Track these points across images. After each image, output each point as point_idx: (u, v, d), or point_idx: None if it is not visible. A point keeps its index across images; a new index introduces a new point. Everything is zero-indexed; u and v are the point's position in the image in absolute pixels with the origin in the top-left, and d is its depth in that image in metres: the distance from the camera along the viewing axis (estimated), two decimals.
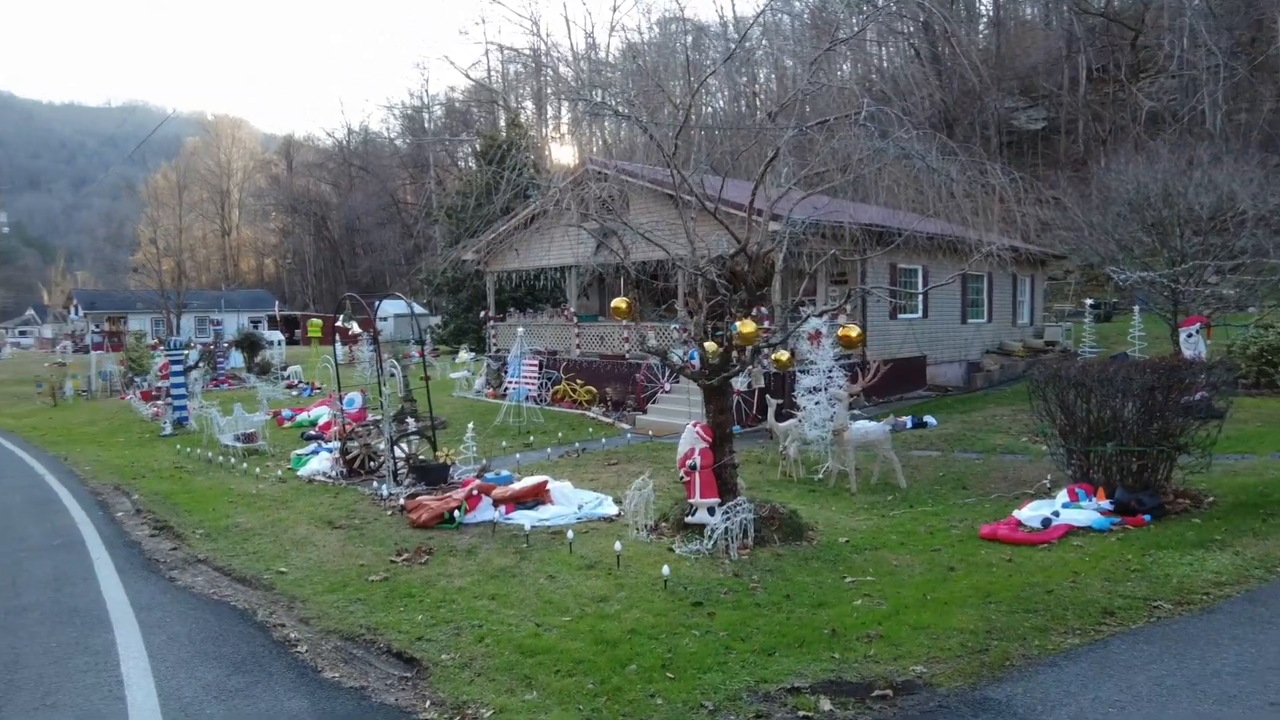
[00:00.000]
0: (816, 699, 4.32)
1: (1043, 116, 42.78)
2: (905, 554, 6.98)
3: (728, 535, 7.03)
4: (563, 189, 10.23)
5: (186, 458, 13.75)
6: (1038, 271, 24.10)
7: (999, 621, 5.22)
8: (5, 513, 10.04)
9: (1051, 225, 21.83)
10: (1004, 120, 42.65)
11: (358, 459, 11.43)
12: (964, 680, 4.45)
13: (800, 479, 10.45)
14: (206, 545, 8.12)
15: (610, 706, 4.33)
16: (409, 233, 59.17)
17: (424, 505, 8.71)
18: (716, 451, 7.68)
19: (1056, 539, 7.00)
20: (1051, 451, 8.98)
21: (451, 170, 55.52)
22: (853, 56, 42.15)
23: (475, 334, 29.79)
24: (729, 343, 7.68)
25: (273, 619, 5.94)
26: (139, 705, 4.60)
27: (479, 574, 6.76)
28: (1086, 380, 7.97)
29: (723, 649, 5.01)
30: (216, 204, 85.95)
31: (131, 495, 10.86)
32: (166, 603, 6.44)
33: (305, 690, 4.73)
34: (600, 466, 11.62)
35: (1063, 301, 31.54)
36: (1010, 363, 20.75)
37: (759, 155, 8.86)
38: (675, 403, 15.43)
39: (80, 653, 5.43)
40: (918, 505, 8.87)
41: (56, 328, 60.85)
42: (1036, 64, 42.40)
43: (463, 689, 4.63)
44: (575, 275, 19.15)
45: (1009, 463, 10.66)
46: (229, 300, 62.79)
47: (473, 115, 59.34)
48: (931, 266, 18.25)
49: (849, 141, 7.82)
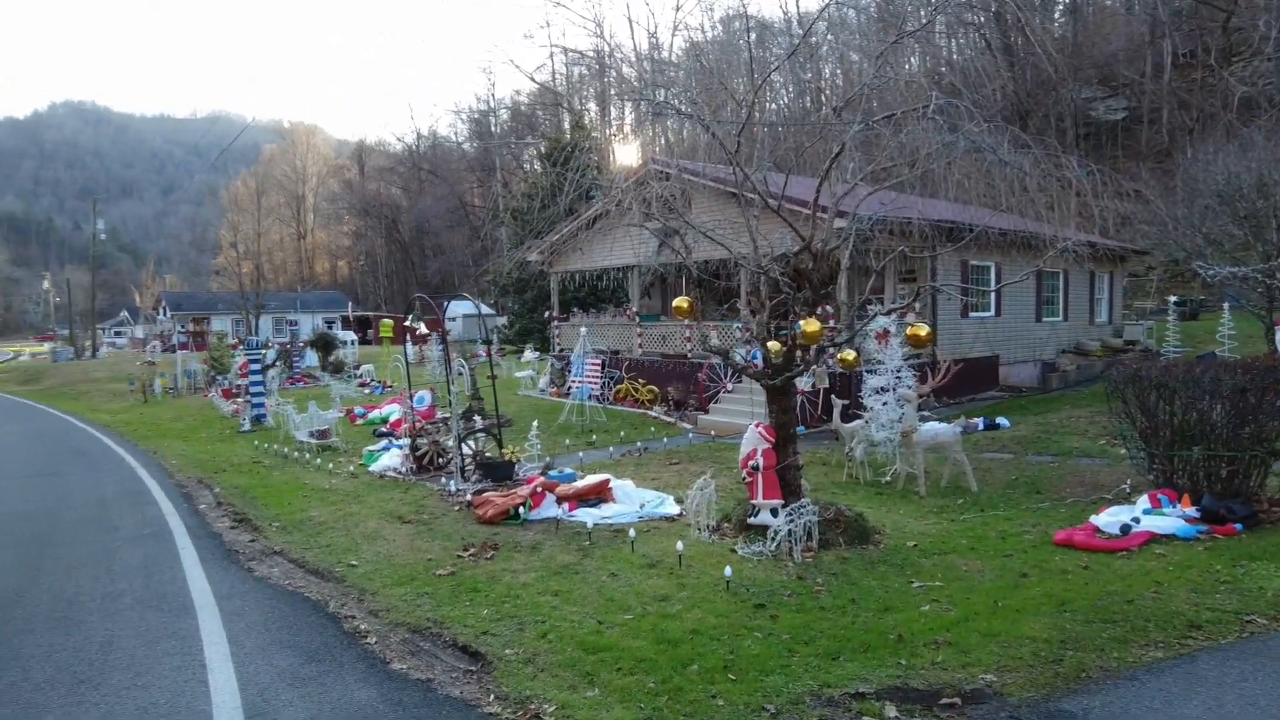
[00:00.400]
0: (881, 705, 4.23)
1: (1123, 106, 41.02)
2: (975, 559, 6.78)
3: (791, 537, 6.95)
4: (625, 189, 10.27)
5: (264, 453, 14.30)
6: (1117, 268, 23.12)
7: (1074, 631, 5.03)
8: (102, 504, 10.60)
9: (1132, 219, 20.93)
10: (1081, 111, 41.05)
11: (427, 455, 11.70)
12: (1036, 691, 4.30)
13: (867, 481, 10.26)
14: (282, 538, 8.42)
15: (671, 706, 4.33)
16: (476, 235, 60.26)
17: (490, 501, 8.86)
18: (780, 452, 7.60)
19: (1137, 546, 6.70)
20: (1131, 455, 8.61)
21: (517, 173, 56.32)
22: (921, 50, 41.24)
23: (540, 334, 30.16)
24: (792, 342, 7.59)
25: (344, 610, 6.12)
26: (220, 689, 4.80)
27: (542, 570, 6.84)
28: (1170, 381, 7.61)
29: (785, 652, 4.95)
30: (292, 208, 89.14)
31: (213, 488, 11.35)
32: (245, 592, 6.70)
33: (374, 681, 4.86)
34: (662, 466, 11.63)
35: (1144, 299, 30.20)
36: (1087, 363, 19.98)
37: (824, 151, 8.73)
38: (738, 403, 15.34)
39: (167, 637, 5.70)
40: (989, 509, 8.61)
41: (147, 328, 63.96)
42: (1117, 51, 40.62)
43: (526, 684, 4.69)
44: (637, 275, 19.21)
45: (1085, 466, 10.26)
46: (304, 301, 65.00)
47: (538, 118, 60.08)
48: (1005, 263, 17.69)
49: (916, 136, 7.64)
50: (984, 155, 7.55)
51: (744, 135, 8.23)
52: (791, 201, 8.84)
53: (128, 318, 76.98)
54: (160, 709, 4.58)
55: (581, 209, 19.23)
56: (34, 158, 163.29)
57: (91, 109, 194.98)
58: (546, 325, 23.44)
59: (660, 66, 20.14)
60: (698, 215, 14.46)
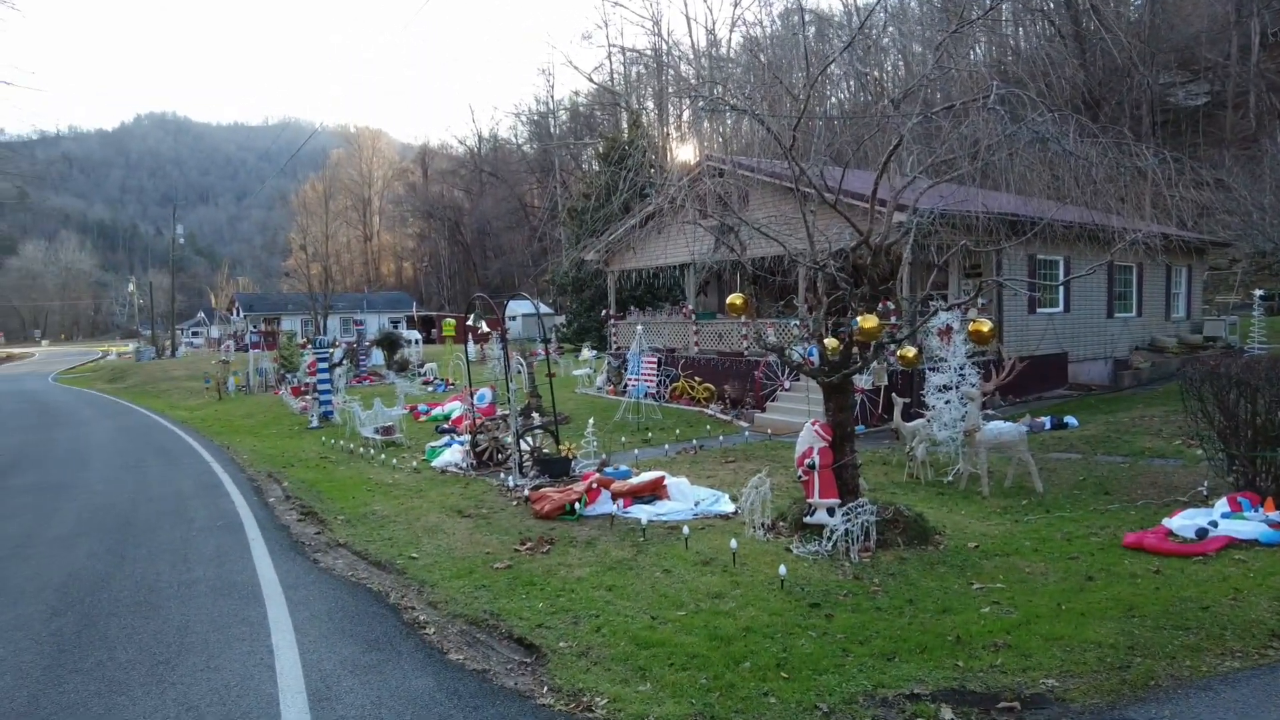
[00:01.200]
0: (937, 707, 4.15)
1: (1205, 91, 39.19)
2: (1039, 561, 6.59)
3: (848, 537, 6.86)
4: (680, 186, 10.28)
5: (330, 449, 14.74)
6: (1195, 261, 22.11)
7: (1143, 637, 4.84)
8: (180, 496, 11.10)
9: (1213, 210, 19.96)
10: (1158, 98, 39.33)
11: (486, 451, 11.91)
12: (1101, 698, 4.16)
13: (928, 481, 10.05)
14: (346, 531, 8.68)
15: (723, 702, 4.32)
16: (536, 235, 61.02)
17: (547, 497, 8.98)
18: (836, 451, 7.50)
19: (1214, 551, 6.42)
20: (1209, 456, 8.24)
21: (575, 173, 56.80)
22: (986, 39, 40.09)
23: (597, 332, 30.39)
24: (850, 339, 7.48)
25: (404, 601, 6.28)
26: (285, 674, 4.98)
27: (597, 565, 6.90)
28: (1251, 379, 7.26)
29: (840, 651, 4.90)
30: (359, 211, 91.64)
31: (282, 482, 11.76)
32: (310, 582, 6.94)
33: (432, 670, 4.98)
34: (717, 464, 11.59)
35: (1226, 293, 28.81)
36: (1162, 360, 19.17)
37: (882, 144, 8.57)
38: (795, 401, 15.19)
39: (237, 623, 5.94)
40: (1055, 510, 8.34)
41: (222, 328, 66.62)
42: (1198, 33, 38.83)
43: (579, 677, 4.74)
44: (693, 273, 19.19)
45: (1158, 467, 9.85)
46: (370, 302, 66.81)
47: (596, 118, 60.42)
48: (1074, 257, 17.10)
49: (978, 127, 7.44)
50: (1048, 146, 7.30)
51: (800, 129, 8.14)
52: (849, 195, 8.71)
53: (204, 318, 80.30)
54: (231, 691, 4.78)
55: (637, 207, 19.29)
56: (121, 167, 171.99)
57: (172, 119, 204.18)
58: (603, 324, 23.60)
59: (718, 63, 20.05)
60: (754, 211, 14.37)
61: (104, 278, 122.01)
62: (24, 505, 10.76)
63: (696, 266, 18.47)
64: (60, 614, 6.29)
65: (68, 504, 10.72)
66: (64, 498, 11.18)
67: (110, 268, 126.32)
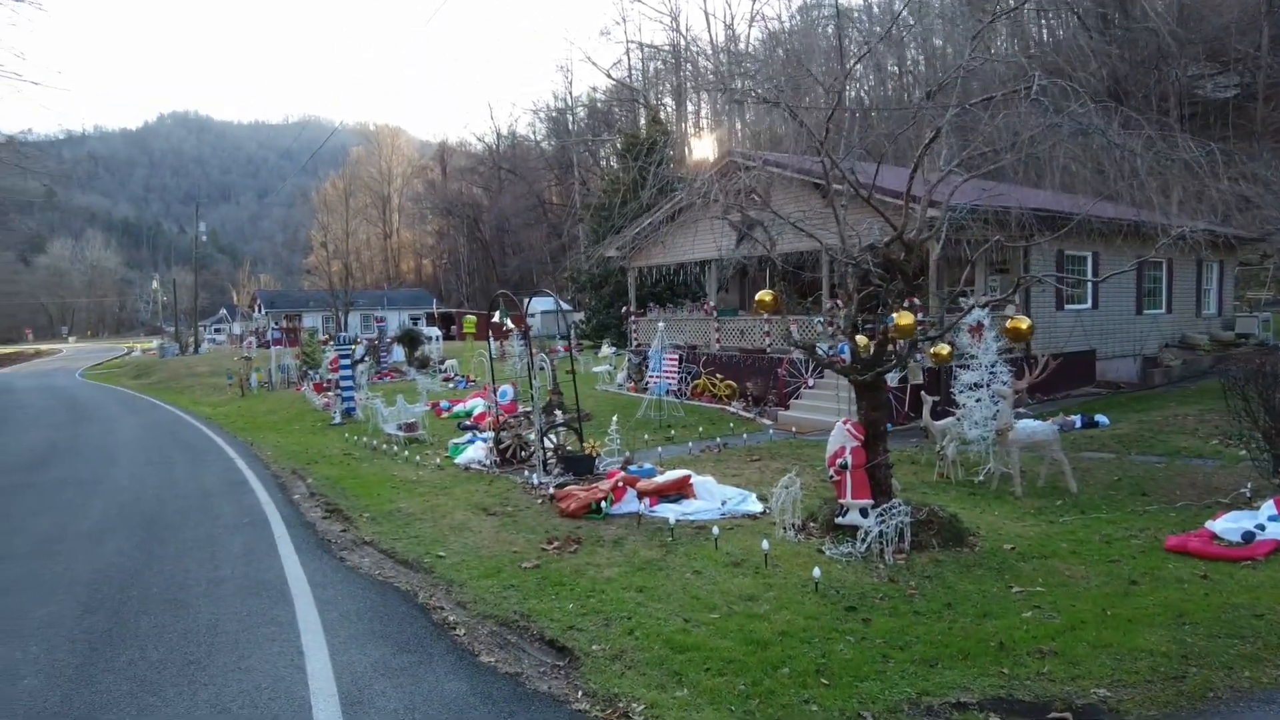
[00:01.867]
0: (985, 717, 4.03)
1: (1234, 83, 38.43)
2: (1078, 564, 6.43)
3: (882, 538, 6.73)
4: (707, 180, 10.14)
5: (354, 445, 14.76)
6: (1227, 257, 21.66)
7: (1196, 645, 4.69)
8: (205, 492, 11.13)
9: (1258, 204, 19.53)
10: (1186, 90, 38.63)
11: (510, 449, 11.86)
12: (1158, 709, 4.02)
13: (959, 481, 9.88)
14: (372, 528, 8.65)
15: (763, 710, 4.22)
16: (555, 232, 60.97)
17: (573, 495, 8.90)
18: (869, 450, 7.36)
19: (1263, 556, 6.23)
20: (1252, 457, 8.04)
21: (594, 170, 56.69)
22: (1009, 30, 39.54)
23: (617, 329, 30.31)
24: (884, 335, 7.34)
25: (433, 601, 6.22)
26: (316, 675, 4.93)
27: (626, 565, 6.81)
28: None
29: (880, 657, 4.78)
30: (379, 209, 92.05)
31: (306, 479, 11.76)
32: (337, 581, 6.90)
33: (464, 673, 4.91)
34: (742, 462, 11.47)
35: (1259, 289, 28.25)
36: (1194, 357, 18.79)
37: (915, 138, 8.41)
38: (818, 399, 15.03)
39: (266, 623, 5.90)
40: (1090, 511, 8.16)
41: (244, 325, 67.15)
42: (1228, 24, 38.08)
43: (613, 681, 4.65)
44: (715, 269, 19.04)
45: (1197, 468, 9.62)
46: (391, 299, 67.06)
47: (614, 115, 60.26)
48: (1104, 252, 16.79)
49: (1015, 119, 7.26)
50: (1091, 138, 7.11)
51: (831, 122, 7.99)
52: (882, 191, 8.55)
53: (226, 315, 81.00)
54: (263, 693, 4.73)
55: (660, 203, 19.17)
56: (144, 166, 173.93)
57: (194, 118, 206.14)
58: (623, 320, 23.51)
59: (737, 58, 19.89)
60: (780, 207, 14.21)
61: (129, 275, 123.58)
62: (54, 501, 10.83)
63: (721, 263, 18.33)
64: (92, 611, 6.28)
65: (95, 500, 10.78)
66: (92, 493, 11.25)
67: (135, 265, 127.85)
